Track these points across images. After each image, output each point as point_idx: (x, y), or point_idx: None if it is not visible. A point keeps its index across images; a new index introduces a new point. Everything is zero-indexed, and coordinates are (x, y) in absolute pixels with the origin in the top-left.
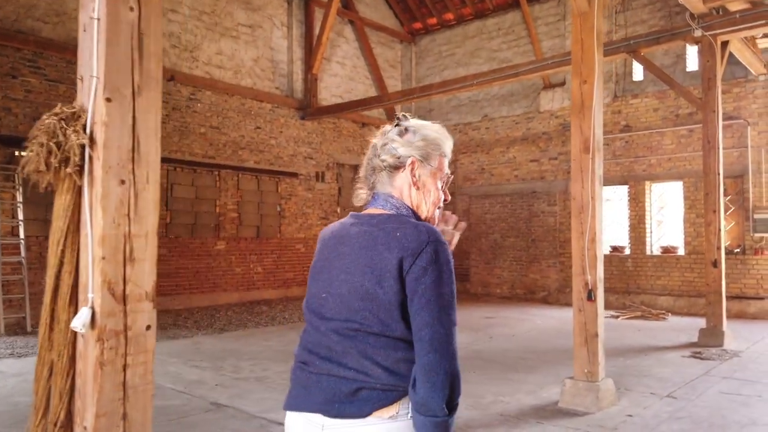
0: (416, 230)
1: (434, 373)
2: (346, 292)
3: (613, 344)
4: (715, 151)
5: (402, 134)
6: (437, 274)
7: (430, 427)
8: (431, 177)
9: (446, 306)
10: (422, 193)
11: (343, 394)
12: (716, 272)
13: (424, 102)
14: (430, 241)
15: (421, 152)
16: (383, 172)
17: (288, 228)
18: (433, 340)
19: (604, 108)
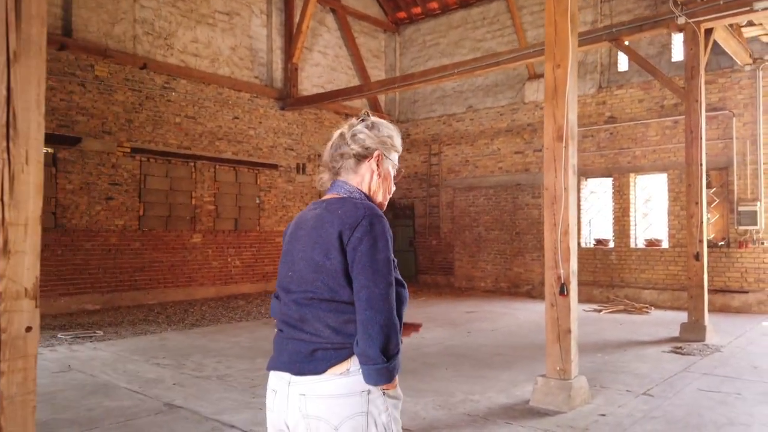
0: (354, 207)
1: (370, 326)
2: (303, 267)
3: (593, 339)
4: (698, 141)
5: (370, 128)
6: (372, 243)
7: (373, 374)
8: (390, 169)
9: (380, 270)
10: (382, 182)
11: (303, 355)
12: (698, 265)
13: (409, 93)
14: (366, 215)
15: (386, 146)
16: (351, 159)
17: (267, 221)
18: (369, 299)
19: (589, 99)
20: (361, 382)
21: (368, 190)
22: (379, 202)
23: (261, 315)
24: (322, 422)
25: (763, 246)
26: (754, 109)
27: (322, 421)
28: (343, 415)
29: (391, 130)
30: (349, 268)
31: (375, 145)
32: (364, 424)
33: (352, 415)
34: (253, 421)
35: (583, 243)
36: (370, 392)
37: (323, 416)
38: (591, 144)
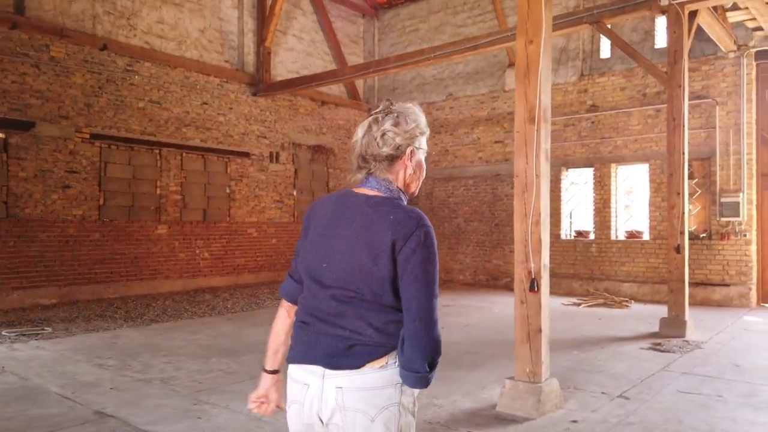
0: (407, 215)
1: (419, 337)
2: (345, 265)
3: (570, 335)
4: (681, 129)
5: (397, 123)
6: (424, 255)
7: (413, 379)
8: (421, 157)
9: (430, 282)
10: (416, 174)
11: (340, 350)
12: (679, 258)
13: (388, 81)
14: (419, 225)
15: (416, 139)
16: (384, 162)
17: (239, 211)
18: (419, 310)
19: (570, 87)
20: (395, 375)
21: (403, 185)
22: (412, 191)
23: (226, 310)
24: (359, 414)
25: (746, 238)
26: (738, 98)
27: (359, 413)
28: (380, 405)
29: (417, 116)
30: (398, 278)
31: (406, 141)
32: (397, 413)
33: (387, 406)
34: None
35: (564, 235)
36: (402, 383)
37: (360, 408)
38: (572, 133)
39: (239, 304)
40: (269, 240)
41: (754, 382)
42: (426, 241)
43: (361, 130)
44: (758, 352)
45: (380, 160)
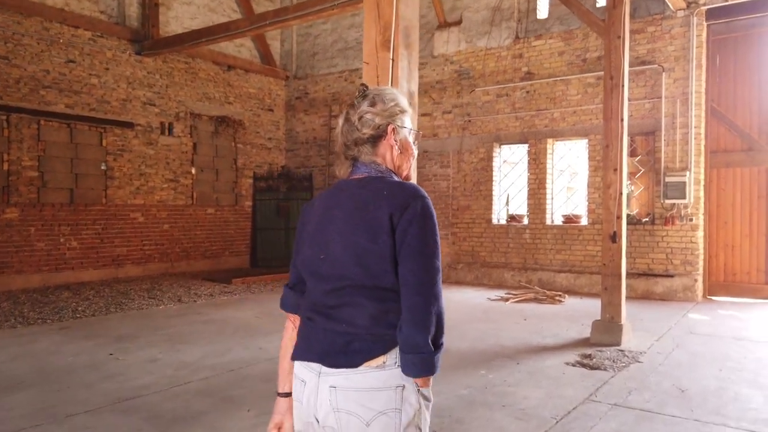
0: (401, 187)
1: (419, 312)
2: (341, 250)
3: (486, 342)
4: (620, 90)
5: (373, 104)
6: (422, 226)
7: (418, 363)
8: (408, 135)
9: (430, 255)
10: (403, 154)
11: (338, 347)
12: (615, 249)
13: (307, 46)
14: (416, 196)
15: (396, 117)
16: (366, 144)
17: (119, 192)
18: (418, 284)
19: (504, 52)
20: (396, 376)
21: (393, 167)
22: (405, 174)
23: (75, 313)
24: (353, 417)
25: (692, 223)
26: (687, 63)
27: (353, 416)
28: (376, 410)
29: (395, 95)
30: (397, 253)
31: (385, 120)
32: (397, 421)
33: (384, 411)
34: None
35: (495, 219)
36: (405, 388)
37: (354, 410)
38: (505, 104)
39: (98, 304)
40: (160, 226)
41: (705, 419)
42: (423, 212)
43: (341, 120)
44: (706, 368)
45: (363, 144)
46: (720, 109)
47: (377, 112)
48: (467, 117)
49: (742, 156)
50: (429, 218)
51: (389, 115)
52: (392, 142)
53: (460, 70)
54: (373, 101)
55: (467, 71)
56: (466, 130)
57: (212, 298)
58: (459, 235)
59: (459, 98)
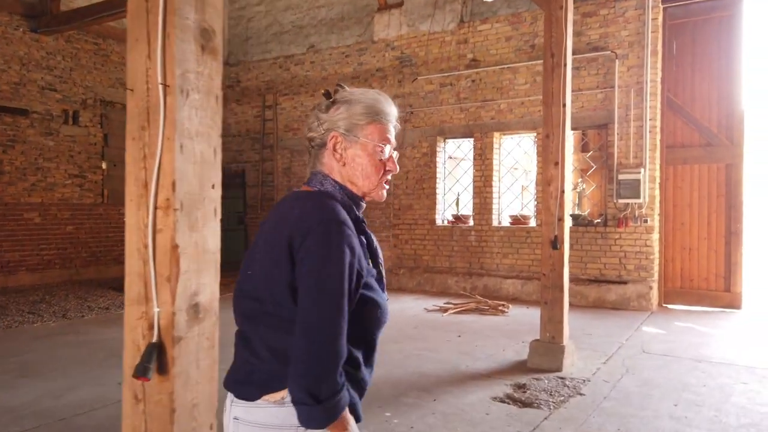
0: (314, 208)
1: (300, 360)
2: (259, 270)
3: (405, 369)
4: (561, 70)
5: (328, 109)
6: (323, 255)
7: (303, 414)
8: (361, 149)
9: (329, 292)
10: (352, 167)
11: (242, 375)
12: (556, 256)
13: (240, 29)
14: (322, 219)
15: (345, 124)
16: (313, 150)
17: (9, 189)
18: (306, 326)
19: (448, 37)
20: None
21: (342, 180)
22: (365, 191)
23: None
24: None
25: (647, 224)
26: (641, 49)
27: None
28: None
29: (364, 99)
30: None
31: (328, 127)
32: None
33: None
34: None
35: (439, 220)
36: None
37: None
38: (450, 95)
39: None
40: (62, 227)
41: None
42: (326, 240)
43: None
44: (659, 402)
45: (312, 148)
46: (677, 101)
47: (326, 117)
48: (409, 108)
49: (700, 151)
50: (334, 248)
51: (336, 121)
52: (333, 152)
53: (402, 57)
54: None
55: (409, 58)
56: (408, 123)
57: (107, 312)
58: (401, 237)
59: (401, 88)
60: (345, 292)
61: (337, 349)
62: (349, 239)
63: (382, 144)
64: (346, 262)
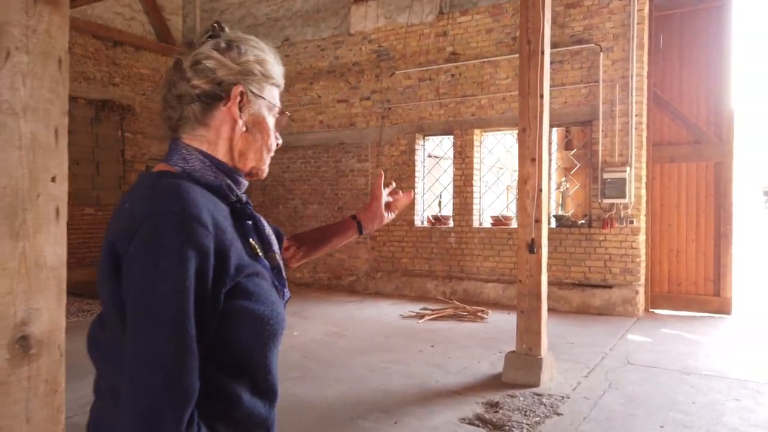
0: (143, 198)
1: (126, 411)
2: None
3: (368, 386)
4: (539, 57)
5: (222, 50)
6: (148, 266)
7: None
8: (268, 112)
9: (158, 315)
10: (253, 136)
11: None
12: (534, 261)
13: (214, 20)
14: (151, 214)
15: (253, 77)
16: (195, 104)
17: None
18: (131, 364)
19: (427, 29)
20: None
21: (229, 152)
22: (253, 167)
23: None
24: None
25: (632, 225)
26: (627, 42)
27: None
28: None
29: (263, 50)
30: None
31: (233, 76)
32: None
33: None
34: None
35: (419, 221)
36: None
37: None
38: (429, 90)
39: None
40: None
41: None
42: (154, 242)
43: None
44: (644, 424)
45: (189, 102)
46: (664, 96)
47: (223, 60)
48: (387, 104)
49: (688, 149)
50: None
51: (243, 71)
52: (235, 111)
53: (379, 50)
54: (228, 45)
55: (387, 51)
56: (386, 119)
57: None
58: (378, 239)
59: (378, 82)
60: (187, 311)
61: (177, 391)
62: (196, 236)
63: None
64: (188, 269)
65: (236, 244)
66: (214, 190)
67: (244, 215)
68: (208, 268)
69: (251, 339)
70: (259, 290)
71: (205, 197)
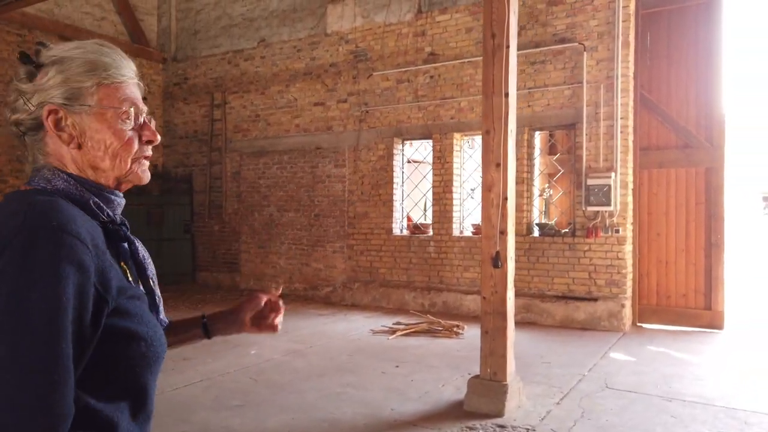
0: (13, 213)
1: None
2: None
3: (312, 417)
4: (503, 52)
5: (33, 77)
6: (23, 281)
7: None
8: (97, 121)
9: (31, 331)
10: (91, 147)
11: None
12: (499, 276)
13: (188, 23)
14: (24, 228)
15: (63, 90)
16: (27, 136)
17: None
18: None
19: (405, 29)
20: None
21: (81, 170)
22: (116, 177)
23: None
24: None
25: (618, 235)
26: (612, 41)
27: None
28: None
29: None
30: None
31: (39, 100)
32: None
33: None
34: None
35: (397, 229)
36: None
37: None
38: (407, 92)
39: None
40: None
41: None
42: (27, 254)
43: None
44: None
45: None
46: (651, 98)
47: (33, 87)
48: (365, 107)
49: (677, 154)
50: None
51: (46, 91)
52: (52, 132)
53: (357, 51)
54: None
55: (364, 52)
56: (363, 122)
57: None
58: (356, 248)
59: (355, 84)
60: (63, 328)
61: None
62: (75, 252)
63: (125, 108)
64: (66, 285)
65: (114, 265)
66: (83, 208)
67: (118, 237)
68: (89, 286)
69: (135, 360)
70: (141, 312)
71: (83, 216)
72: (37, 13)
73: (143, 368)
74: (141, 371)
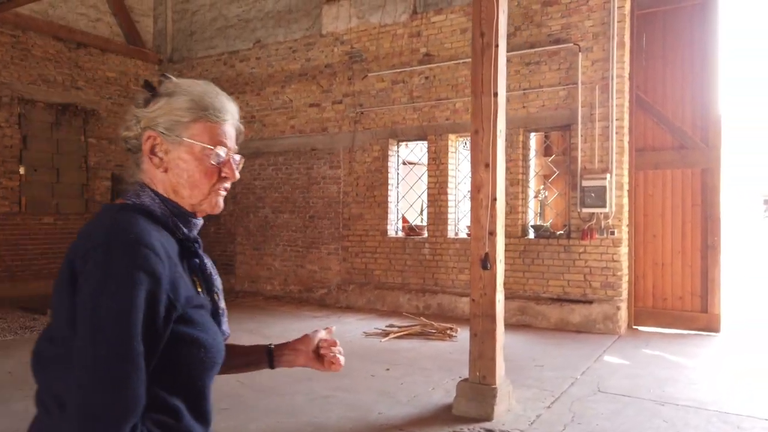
0: (98, 225)
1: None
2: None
3: (298, 421)
4: (492, 51)
5: (147, 103)
6: (99, 283)
7: None
8: (186, 152)
9: (104, 327)
10: (174, 176)
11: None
12: (488, 278)
13: (184, 24)
14: (98, 244)
15: (165, 121)
16: (131, 154)
17: None
18: (79, 370)
19: (400, 30)
20: None
21: (166, 192)
22: (193, 204)
23: None
24: None
25: (614, 237)
26: (607, 41)
27: None
28: None
29: (188, 90)
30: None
31: (144, 125)
32: None
33: None
34: None
35: (392, 231)
36: None
37: None
38: (402, 93)
39: None
40: None
41: None
42: (108, 263)
43: None
44: None
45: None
46: (647, 99)
47: (145, 113)
48: (360, 108)
49: (673, 155)
50: (118, 275)
51: (152, 118)
52: (149, 155)
53: (352, 52)
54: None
55: (359, 53)
56: (358, 124)
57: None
58: (350, 249)
59: (351, 85)
60: (133, 328)
61: (120, 402)
62: (148, 263)
63: (212, 147)
64: (137, 291)
65: (185, 276)
66: (162, 224)
67: (191, 253)
68: (160, 293)
69: (194, 363)
70: (204, 321)
71: (159, 232)
72: (30, 13)
73: (201, 372)
74: (199, 374)
